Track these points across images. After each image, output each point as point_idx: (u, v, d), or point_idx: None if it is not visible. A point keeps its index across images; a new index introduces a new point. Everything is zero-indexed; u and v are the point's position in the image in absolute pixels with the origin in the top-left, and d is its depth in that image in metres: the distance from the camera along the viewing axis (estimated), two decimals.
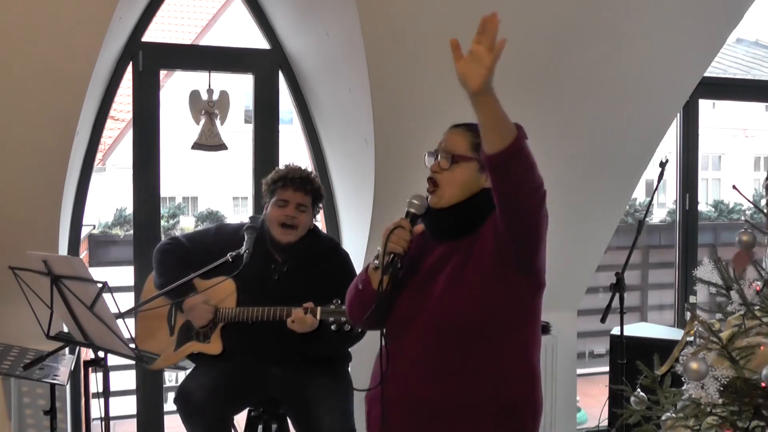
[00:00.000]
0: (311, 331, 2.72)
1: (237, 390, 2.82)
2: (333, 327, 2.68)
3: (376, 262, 1.96)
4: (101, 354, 2.53)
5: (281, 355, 2.83)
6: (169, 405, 4.27)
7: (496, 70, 1.59)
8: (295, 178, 2.89)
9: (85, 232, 4.14)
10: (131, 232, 4.16)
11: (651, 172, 3.85)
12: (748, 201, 1.93)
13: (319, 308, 2.70)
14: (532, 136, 3.86)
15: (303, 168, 2.99)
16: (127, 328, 2.61)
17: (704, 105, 4.78)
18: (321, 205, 3.03)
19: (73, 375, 3.32)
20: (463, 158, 1.99)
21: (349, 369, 3.09)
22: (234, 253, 2.83)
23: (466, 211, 2.00)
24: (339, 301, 2.69)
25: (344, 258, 3.03)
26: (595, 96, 3.64)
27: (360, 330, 2.73)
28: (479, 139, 1.81)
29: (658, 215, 11.58)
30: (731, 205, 12.03)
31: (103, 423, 2.56)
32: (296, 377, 2.84)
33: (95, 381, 2.59)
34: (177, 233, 3.35)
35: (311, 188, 2.91)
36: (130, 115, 3.89)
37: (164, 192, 3.85)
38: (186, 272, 2.85)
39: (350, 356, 3.06)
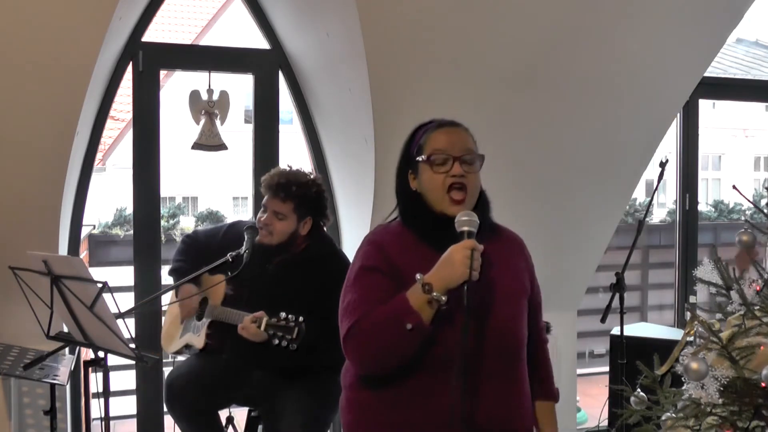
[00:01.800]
0: (262, 342, 2.65)
1: (218, 385, 2.84)
2: (275, 341, 2.57)
3: (434, 294, 1.69)
4: (101, 354, 2.53)
5: (261, 359, 2.79)
6: None
7: (495, 70, 1.60)
8: (272, 184, 2.84)
9: (85, 232, 4.13)
10: (131, 232, 4.16)
11: (651, 172, 3.85)
12: (748, 201, 1.93)
13: (264, 320, 2.61)
14: (532, 135, 3.88)
15: (289, 172, 2.89)
16: (127, 328, 2.61)
17: (704, 105, 4.78)
18: (319, 210, 2.90)
19: (73, 375, 3.32)
20: (481, 159, 1.92)
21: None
22: (234, 253, 2.85)
23: (485, 214, 1.91)
24: (285, 315, 2.58)
25: (342, 264, 2.96)
26: (594, 96, 3.64)
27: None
28: (473, 137, 1.96)
29: (658, 215, 11.58)
30: (731, 205, 12.04)
31: (103, 423, 2.56)
32: (272, 384, 2.83)
33: (95, 381, 2.59)
34: (177, 233, 3.36)
35: (286, 195, 2.81)
36: (130, 115, 3.89)
37: (164, 192, 3.85)
38: (198, 266, 2.92)
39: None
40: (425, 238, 1.86)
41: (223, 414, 2.99)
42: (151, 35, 3.79)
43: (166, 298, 3.17)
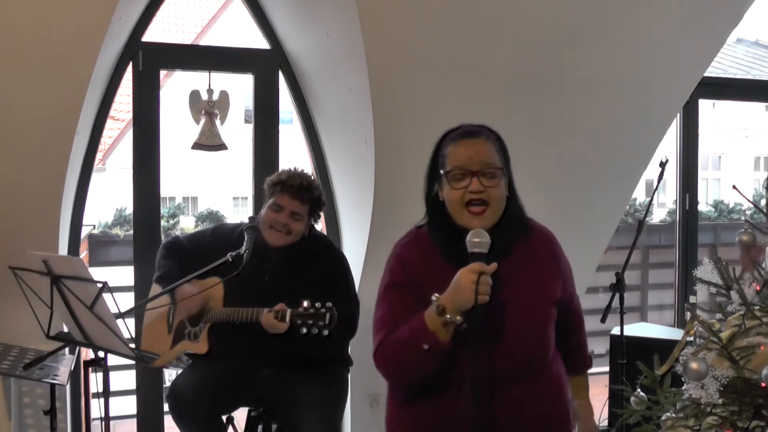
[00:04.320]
0: (282, 333, 2.66)
1: (226, 390, 2.83)
2: (302, 330, 2.59)
3: (448, 317, 1.71)
4: (101, 354, 2.53)
5: (268, 356, 2.81)
6: None
7: (495, 70, 1.60)
8: (293, 185, 2.85)
9: (85, 232, 4.13)
10: (131, 232, 4.16)
11: (651, 172, 3.85)
12: (748, 201, 1.92)
13: (288, 311, 2.62)
14: (533, 136, 3.89)
15: (306, 174, 2.94)
16: (127, 328, 2.61)
17: (704, 105, 4.78)
18: (321, 213, 2.99)
19: (73, 375, 3.32)
20: (503, 171, 1.89)
21: (349, 374, 3.06)
22: (234, 253, 2.82)
23: (511, 227, 1.90)
24: (311, 303, 2.61)
25: (338, 257, 3.02)
26: (595, 96, 3.64)
27: (339, 334, 2.66)
28: (501, 146, 1.94)
29: (658, 215, 11.60)
30: (731, 205, 12.05)
31: (103, 423, 2.56)
32: (285, 380, 2.82)
33: (95, 381, 2.59)
34: (177, 233, 3.35)
35: (308, 198, 2.87)
36: (130, 115, 3.88)
37: (164, 192, 3.85)
38: (184, 271, 2.86)
39: (350, 360, 3.04)
40: (446, 251, 1.87)
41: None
42: (151, 35, 3.79)
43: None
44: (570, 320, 2.11)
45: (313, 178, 2.98)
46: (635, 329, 4.10)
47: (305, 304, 2.60)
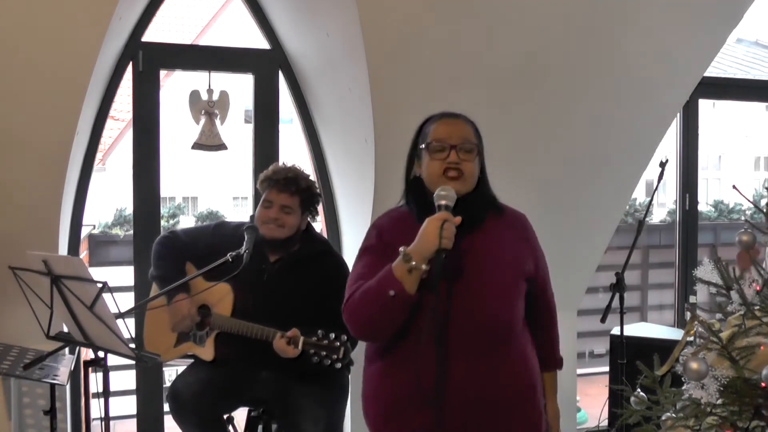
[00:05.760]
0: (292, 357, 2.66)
1: (226, 391, 2.83)
2: (314, 359, 2.59)
3: (413, 263, 1.83)
4: (101, 354, 2.52)
5: (273, 362, 2.78)
6: None
7: (495, 70, 1.61)
8: (279, 179, 2.85)
9: (85, 232, 4.14)
10: (131, 232, 4.16)
11: (651, 172, 3.85)
12: (748, 201, 1.93)
13: (301, 339, 2.61)
14: (532, 135, 3.88)
15: (292, 167, 2.93)
16: (127, 328, 2.61)
17: (704, 105, 4.78)
18: (315, 206, 2.96)
19: (73, 375, 3.32)
20: (478, 148, 2.05)
21: (350, 374, 3.05)
22: (234, 253, 2.80)
23: (480, 203, 2.04)
24: (325, 334, 2.59)
25: (337, 260, 3.00)
26: (594, 96, 3.64)
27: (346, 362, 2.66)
28: (477, 132, 2.10)
29: (658, 215, 11.60)
30: (731, 205, 12.05)
31: (103, 423, 2.56)
32: (285, 381, 2.82)
33: (95, 381, 2.59)
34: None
35: (296, 189, 2.85)
36: (130, 115, 3.88)
37: (164, 192, 3.85)
38: (182, 267, 2.85)
39: (351, 361, 3.03)
40: (420, 218, 1.95)
41: None
42: (151, 35, 3.78)
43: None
44: (540, 311, 2.18)
45: (301, 170, 2.94)
46: (635, 329, 4.10)
47: (319, 333, 2.60)
